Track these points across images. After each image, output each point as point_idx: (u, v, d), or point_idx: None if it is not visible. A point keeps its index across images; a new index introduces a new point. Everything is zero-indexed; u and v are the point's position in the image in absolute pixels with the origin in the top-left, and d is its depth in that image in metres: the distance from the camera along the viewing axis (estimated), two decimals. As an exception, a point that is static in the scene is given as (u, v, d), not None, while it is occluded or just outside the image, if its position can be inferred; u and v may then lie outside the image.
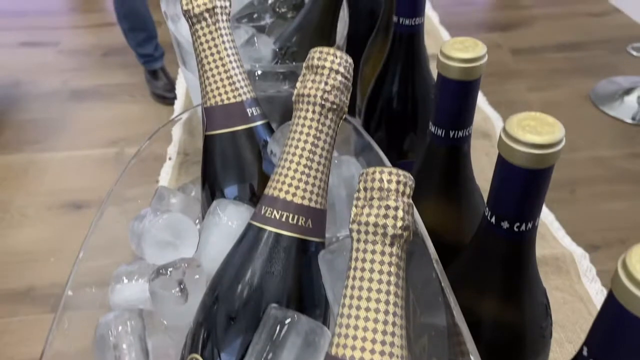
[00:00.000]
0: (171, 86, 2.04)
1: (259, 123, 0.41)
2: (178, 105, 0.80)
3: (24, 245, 1.50)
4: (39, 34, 2.51)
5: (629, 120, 1.94)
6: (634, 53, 1.89)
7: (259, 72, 0.51)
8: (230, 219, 0.38)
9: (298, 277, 0.33)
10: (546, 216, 0.67)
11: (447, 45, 0.34)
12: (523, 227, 0.30)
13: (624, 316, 0.19)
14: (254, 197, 0.41)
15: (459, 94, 0.35)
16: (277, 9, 0.64)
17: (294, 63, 0.55)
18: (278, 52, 0.56)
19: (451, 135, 0.37)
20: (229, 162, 0.41)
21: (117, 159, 1.78)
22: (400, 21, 0.48)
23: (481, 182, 0.44)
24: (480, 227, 0.33)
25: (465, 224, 0.41)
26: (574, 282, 0.59)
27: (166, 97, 2.03)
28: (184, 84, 0.82)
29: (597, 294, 0.57)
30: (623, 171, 1.76)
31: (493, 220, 0.30)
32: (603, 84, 2.12)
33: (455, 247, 0.38)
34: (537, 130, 0.27)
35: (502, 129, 0.27)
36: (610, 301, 0.19)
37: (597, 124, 1.95)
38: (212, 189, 0.42)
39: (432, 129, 0.38)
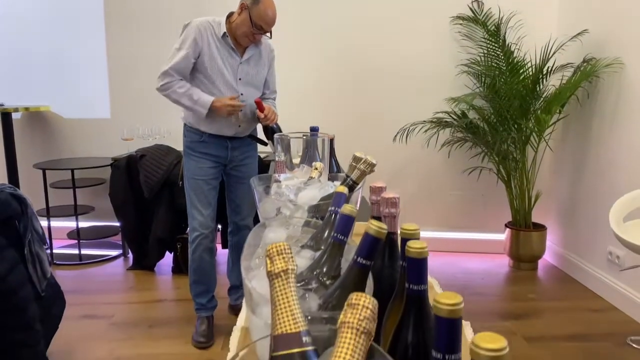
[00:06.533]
0: (209, 334, 2.50)
1: (309, 348, 0.59)
2: (233, 342, 0.97)
3: None
4: (97, 308, 2.85)
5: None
6: (635, 345, 2.08)
7: (309, 317, 0.75)
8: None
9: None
10: None
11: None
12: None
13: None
14: None
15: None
16: (320, 278, 0.92)
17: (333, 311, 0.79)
18: (322, 305, 0.82)
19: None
20: None
21: None
22: (411, 286, 0.70)
23: None
24: None
25: None
26: None
27: (200, 342, 2.43)
28: (237, 332, 1.03)
29: None
30: None
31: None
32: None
33: None
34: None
35: None
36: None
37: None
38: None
39: None
